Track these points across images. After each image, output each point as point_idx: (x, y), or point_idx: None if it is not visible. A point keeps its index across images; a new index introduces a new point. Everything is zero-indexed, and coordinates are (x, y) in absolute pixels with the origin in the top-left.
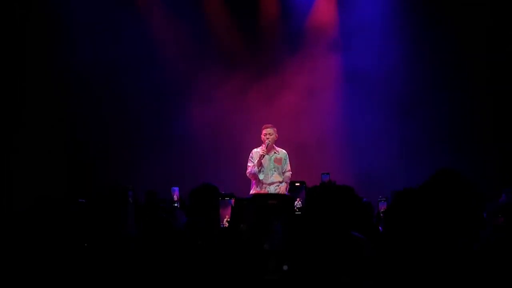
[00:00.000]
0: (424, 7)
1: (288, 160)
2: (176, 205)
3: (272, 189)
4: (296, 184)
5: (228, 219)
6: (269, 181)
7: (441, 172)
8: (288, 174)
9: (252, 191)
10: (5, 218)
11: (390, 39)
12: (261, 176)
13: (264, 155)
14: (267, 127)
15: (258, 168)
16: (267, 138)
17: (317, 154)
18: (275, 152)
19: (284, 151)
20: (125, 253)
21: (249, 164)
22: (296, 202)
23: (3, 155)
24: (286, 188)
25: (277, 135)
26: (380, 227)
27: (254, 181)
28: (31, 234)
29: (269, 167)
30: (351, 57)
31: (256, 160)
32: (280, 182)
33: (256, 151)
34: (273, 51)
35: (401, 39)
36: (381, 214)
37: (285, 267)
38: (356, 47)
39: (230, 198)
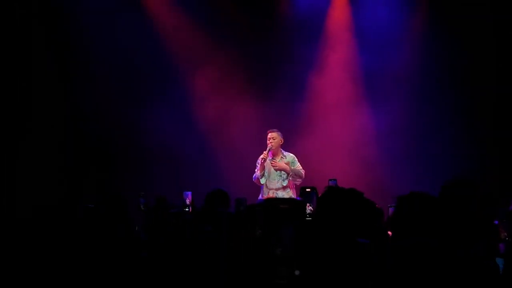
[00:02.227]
0: (433, 7)
1: (297, 161)
2: (187, 209)
3: (279, 195)
4: (307, 189)
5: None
6: (276, 186)
7: (456, 180)
8: (300, 169)
9: (260, 197)
10: (5, 223)
11: (397, 41)
12: (262, 181)
13: (265, 159)
14: (270, 132)
15: (260, 173)
16: (270, 143)
17: (326, 159)
18: (282, 157)
19: (291, 154)
20: (135, 258)
21: (256, 170)
22: (306, 208)
23: (10, 159)
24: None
25: (282, 139)
26: (389, 232)
27: (262, 187)
28: (30, 241)
29: (276, 173)
30: (361, 61)
31: (259, 165)
32: (287, 188)
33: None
34: (283, 53)
35: (409, 42)
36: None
37: (297, 272)
38: (365, 50)
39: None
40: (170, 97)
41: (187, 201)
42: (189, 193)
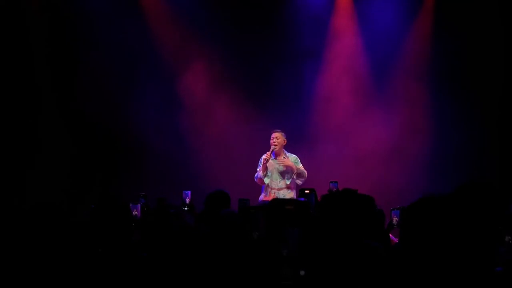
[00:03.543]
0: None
1: (299, 162)
2: (186, 208)
3: (281, 195)
4: (306, 191)
5: None
6: (278, 186)
7: (468, 185)
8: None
9: (261, 197)
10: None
11: (403, 42)
12: (266, 181)
13: (268, 159)
14: (275, 132)
15: (263, 173)
16: (274, 143)
17: (328, 162)
18: (284, 157)
19: (294, 155)
20: (135, 260)
21: (258, 169)
22: None
23: (12, 159)
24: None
25: (285, 139)
26: (390, 235)
27: (263, 186)
28: (28, 238)
29: (278, 173)
30: (365, 61)
31: (262, 165)
32: (288, 188)
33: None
34: (283, 53)
35: (416, 42)
36: (394, 223)
37: (302, 273)
38: (370, 50)
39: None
40: (166, 97)
41: (187, 200)
42: (189, 192)
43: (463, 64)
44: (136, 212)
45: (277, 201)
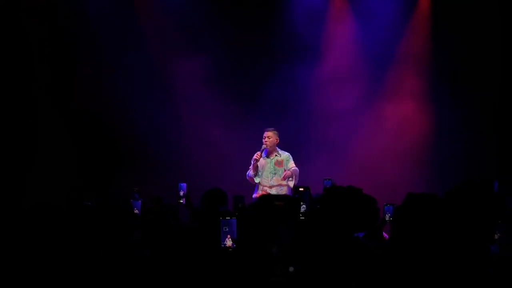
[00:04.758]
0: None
1: (291, 159)
2: (181, 201)
3: (273, 192)
4: (300, 189)
5: None
6: (269, 184)
7: (467, 184)
8: (293, 169)
9: (254, 195)
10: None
11: (401, 42)
12: (256, 180)
13: (258, 159)
14: (267, 130)
15: (254, 172)
16: (265, 141)
17: (324, 160)
18: (276, 155)
19: (286, 153)
20: (132, 257)
21: (250, 167)
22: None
23: (12, 158)
24: (292, 177)
25: (277, 138)
26: (383, 232)
27: (256, 184)
28: (28, 238)
29: (269, 170)
30: (366, 64)
31: (252, 164)
32: (282, 185)
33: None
34: (283, 56)
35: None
36: (386, 219)
37: (291, 269)
38: (369, 47)
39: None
40: (165, 96)
41: (181, 193)
42: (184, 184)
43: (463, 62)
44: (136, 211)
45: (266, 198)
